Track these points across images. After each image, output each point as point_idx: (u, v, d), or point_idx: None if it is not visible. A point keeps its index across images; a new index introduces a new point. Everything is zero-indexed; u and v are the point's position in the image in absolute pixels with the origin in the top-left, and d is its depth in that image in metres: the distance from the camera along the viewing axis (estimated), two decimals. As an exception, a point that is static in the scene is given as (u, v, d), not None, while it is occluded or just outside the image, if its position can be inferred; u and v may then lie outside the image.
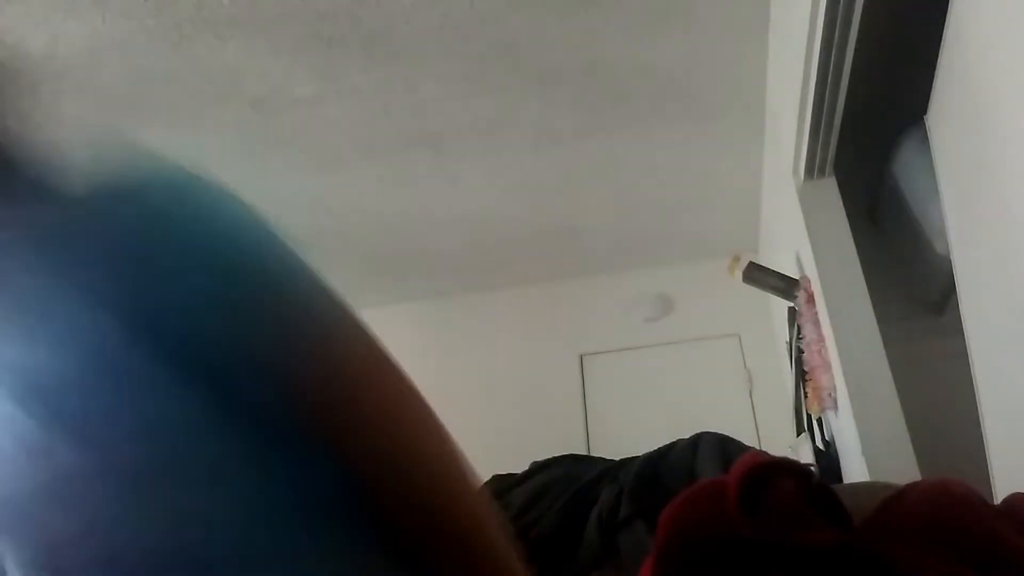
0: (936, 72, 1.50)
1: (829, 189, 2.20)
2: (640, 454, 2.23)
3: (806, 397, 2.57)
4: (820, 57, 1.72)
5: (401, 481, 0.50)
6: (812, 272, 2.20)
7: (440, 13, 2.17)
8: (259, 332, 0.48)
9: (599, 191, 3.28)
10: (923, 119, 1.66)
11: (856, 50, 1.69)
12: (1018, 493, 1.00)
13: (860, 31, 1.64)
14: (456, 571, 0.51)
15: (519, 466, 2.55)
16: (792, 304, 2.60)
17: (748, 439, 2.83)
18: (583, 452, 3.54)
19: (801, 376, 2.61)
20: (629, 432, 3.33)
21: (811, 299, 2.29)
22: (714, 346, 3.84)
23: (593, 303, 4.11)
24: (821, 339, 2.19)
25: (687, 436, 2.22)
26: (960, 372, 1.55)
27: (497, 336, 4.17)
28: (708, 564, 0.85)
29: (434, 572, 0.50)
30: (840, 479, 2.18)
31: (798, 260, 2.45)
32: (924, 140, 1.69)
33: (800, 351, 2.51)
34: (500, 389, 4.00)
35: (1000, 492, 1.34)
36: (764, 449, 2.40)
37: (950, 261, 1.59)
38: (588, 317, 4.09)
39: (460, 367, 4.11)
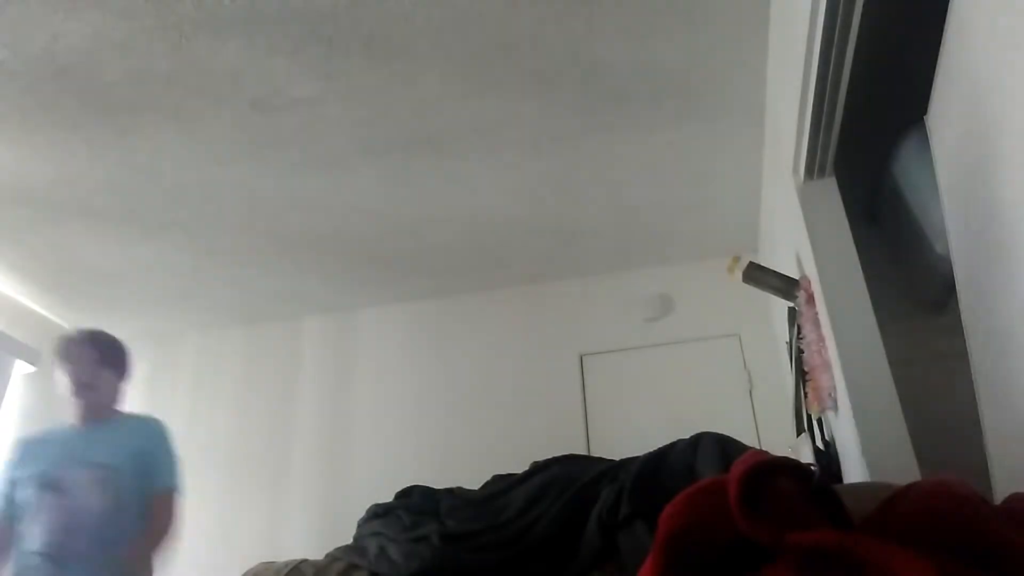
0: (936, 72, 1.50)
1: (829, 189, 2.20)
2: (640, 454, 2.24)
3: (806, 397, 2.56)
4: (820, 57, 1.72)
5: None
6: (812, 272, 2.20)
7: (440, 13, 2.17)
8: None
9: (599, 191, 3.28)
10: (923, 119, 1.65)
11: (856, 50, 1.69)
12: (1018, 493, 1.00)
13: (860, 31, 1.63)
14: None
15: (519, 466, 2.56)
16: (792, 304, 2.59)
17: (748, 439, 2.83)
18: (583, 452, 3.54)
19: (801, 376, 2.61)
20: (629, 432, 3.33)
21: (811, 299, 2.29)
22: (714, 346, 3.84)
23: (593, 303, 4.11)
24: (821, 339, 2.19)
25: (687, 436, 2.22)
26: (960, 372, 1.55)
27: (497, 336, 4.17)
28: (708, 563, 0.85)
29: None
30: (840, 479, 2.18)
31: (798, 260, 2.45)
32: (924, 140, 1.69)
33: (800, 351, 2.50)
34: (500, 389, 4.00)
35: (1000, 492, 1.34)
36: (764, 449, 2.40)
37: (950, 261, 1.59)
38: (588, 317, 4.08)
39: (460, 367, 4.11)
